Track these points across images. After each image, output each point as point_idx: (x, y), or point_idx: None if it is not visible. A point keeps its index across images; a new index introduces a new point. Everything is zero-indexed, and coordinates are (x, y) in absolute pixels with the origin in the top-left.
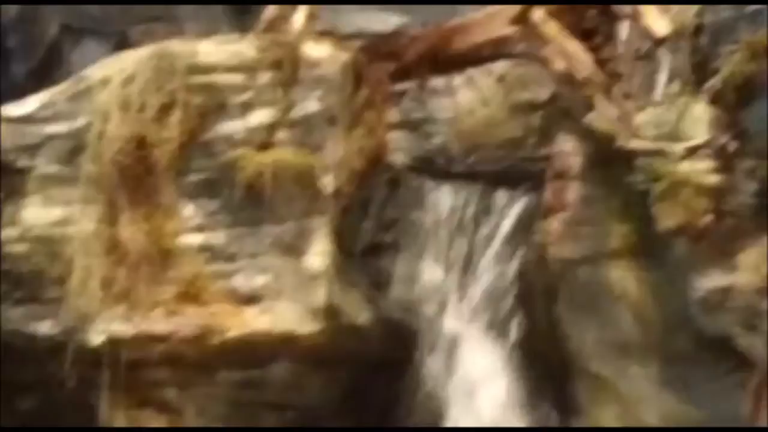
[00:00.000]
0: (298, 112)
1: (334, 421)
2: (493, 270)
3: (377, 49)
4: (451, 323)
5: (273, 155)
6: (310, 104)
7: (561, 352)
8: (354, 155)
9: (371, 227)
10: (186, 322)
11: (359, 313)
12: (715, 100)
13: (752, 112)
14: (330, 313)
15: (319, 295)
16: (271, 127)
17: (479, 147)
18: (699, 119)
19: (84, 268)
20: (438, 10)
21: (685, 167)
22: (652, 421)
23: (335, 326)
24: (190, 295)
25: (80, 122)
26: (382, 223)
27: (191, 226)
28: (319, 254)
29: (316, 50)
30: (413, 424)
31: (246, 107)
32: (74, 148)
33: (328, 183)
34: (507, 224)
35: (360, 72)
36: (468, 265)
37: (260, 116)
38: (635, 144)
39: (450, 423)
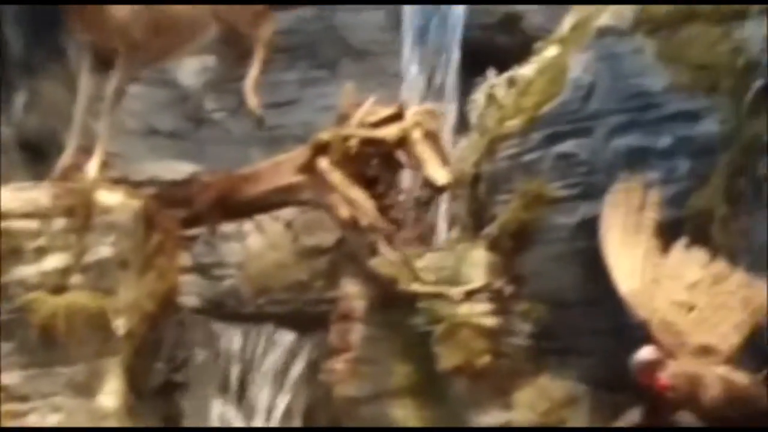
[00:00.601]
0: (91, 256)
1: None
2: (281, 407)
3: (169, 196)
4: None
5: (67, 298)
6: (102, 249)
7: None
8: (146, 298)
9: (162, 367)
10: None
11: None
12: (492, 246)
13: (527, 257)
14: None
15: None
16: (65, 272)
17: (268, 289)
18: (477, 264)
19: None
20: (229, 158)
21: (464, 310)
22: None
23: None
24: None
25: None
26: (173, 363)
27: None
28: (110, 394)
29: (109, 198)
30: None
31: (40, 252)
32: None
33: (120, 325)
34: (295, 364)
35: (152, 218)
36: (256, 404)
37: (54, 261)
38: (417, 287)
39: None
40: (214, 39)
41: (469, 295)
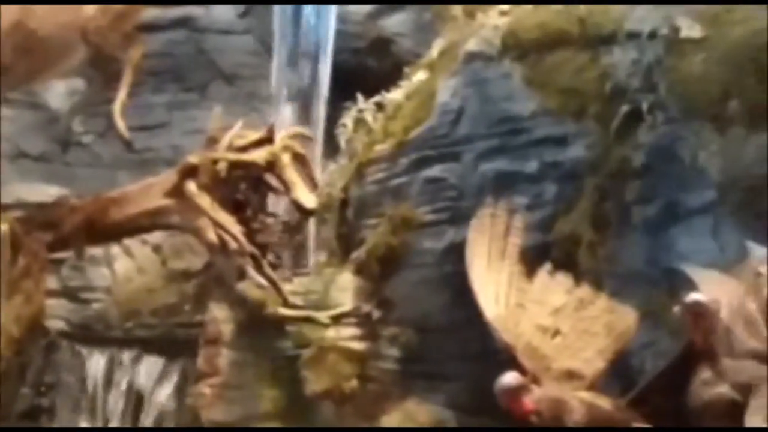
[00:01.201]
0: None
1: None
2: None
3: (36, 219)
4: None
5: None
6: None
7: None
8: (12, 322)
9: (28, 392)
10: None
11: None
12: (360, 270)
13: (395, 282)
14: None
15: None
16: None
17: (136, 313)
18: (345, 288)
19: None
20: (97, 181)
21: (332, 334)
22: None
23: None
24: None
25: None
26: (40, 387)
27: None
28: None
29: None
30: None
31: None
32: None
33: None
34: (162, 388)
35: (18, 241)
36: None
37: None
38: (284, 311)
39: None
40: (82, 61)
41: (337, 320)
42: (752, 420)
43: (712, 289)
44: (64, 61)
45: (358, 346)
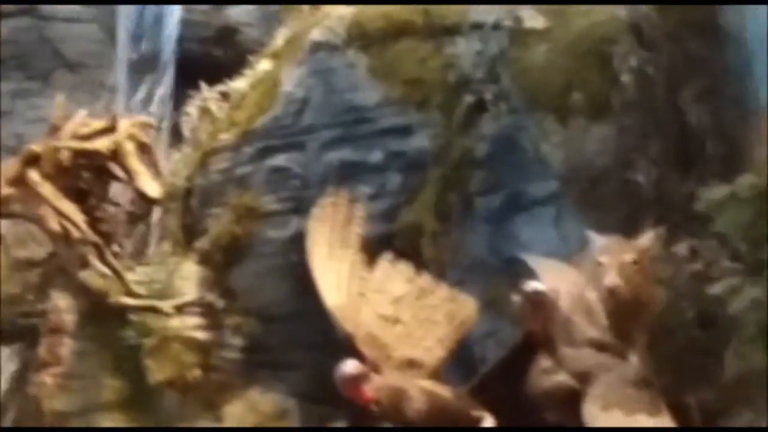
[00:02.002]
0: None
1: None
2: None
3: None
4: None
5: None
6: None
7: None
8: None
9: None
10: None
11: None
12: (204, 259)
13: (239, 271)
14: None
15: None
16: None
17: None
18: (188, 278)
19: None
20: None
21: (175, 323)
22: None
23: None
24: None
25: None
26: None
27: None
28: None
29: None
30: None
31: None
32: None
33: None
34: (3, 377)
35: None
36: None
37: None
38: (127, 301)
39: None
40: None
41: (180, 309)
42: (589, 409)
43: (552, 278)
44: None
45: (201, 335)
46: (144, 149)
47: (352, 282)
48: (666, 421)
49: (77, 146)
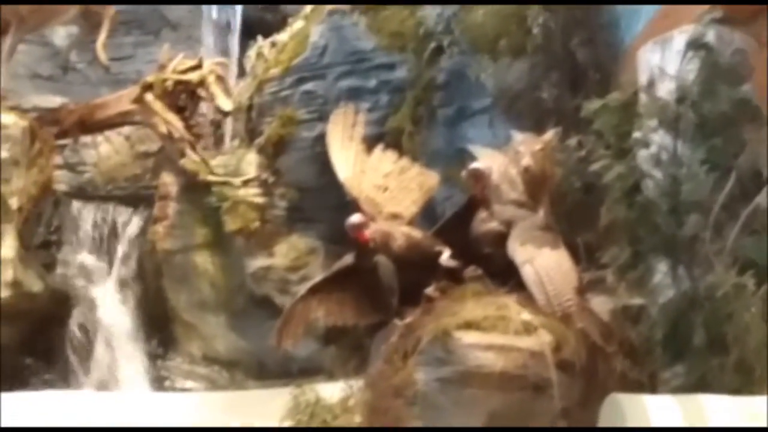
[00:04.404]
0: None
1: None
2: (124, 257)
3: (46, 118)
4: (93, 291)
5: None
6: (2, 153)
7: (164, 307)
8: (31, 185)
9: (43, 230)
10: None
11: (35, 285)
12: (261, 151)
13: (284, 158)
14: (16, 284)
15: (8, 274)
16: None
17: (113, 180)
18: (251, 163)
19: None
20: (87, 94)
21: (242, 192)
22: (222, 351)
23: (19, 293)
24: None
25: None
26: (50, 227)
27: None
28: (8, 247)
29: (7, 118)
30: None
31: None
32: None
33: (14, 202)
34: (131, 228)
35: (35, 133)
36: (109, 254)
37: None
38: (210, 178)
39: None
40: (76, 14)
41: (246, 183)
42: (512, 244)
43: (487, 160)
44: (63, 14)
45: (259, 200)
46: (220, 80)
47: (356, 163)
48: (563, 253)
49: (177, 78)
